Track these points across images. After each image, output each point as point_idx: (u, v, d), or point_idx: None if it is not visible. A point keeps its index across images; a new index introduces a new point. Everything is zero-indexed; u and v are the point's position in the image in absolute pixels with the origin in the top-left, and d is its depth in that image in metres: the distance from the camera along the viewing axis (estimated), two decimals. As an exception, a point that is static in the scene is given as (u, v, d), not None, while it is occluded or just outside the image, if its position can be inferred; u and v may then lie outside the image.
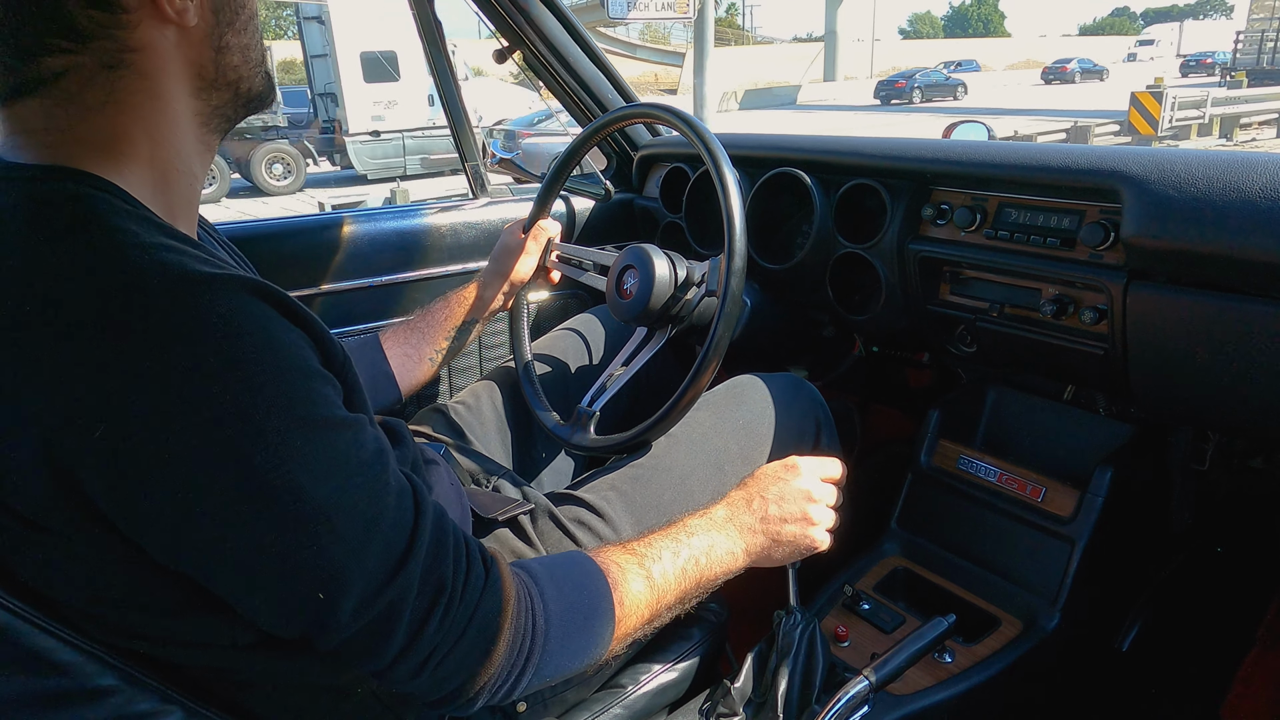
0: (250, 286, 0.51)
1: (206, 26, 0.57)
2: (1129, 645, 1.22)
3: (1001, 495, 1.17)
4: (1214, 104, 11.79)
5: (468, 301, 1.14)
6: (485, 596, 0.58)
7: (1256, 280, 0.79)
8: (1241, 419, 0.92)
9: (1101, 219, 0.93)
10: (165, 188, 0.58)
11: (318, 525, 0.50)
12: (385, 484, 0.54)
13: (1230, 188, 0.79)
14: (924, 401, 1.30)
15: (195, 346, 0.47)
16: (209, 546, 0.49)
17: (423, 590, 0.54)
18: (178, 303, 0.47)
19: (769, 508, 0.83)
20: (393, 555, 0.53)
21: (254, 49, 0.62)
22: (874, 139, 1.26)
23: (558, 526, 0.90)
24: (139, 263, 0.48)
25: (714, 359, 0.91)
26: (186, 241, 0.54)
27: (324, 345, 0.56)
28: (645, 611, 0.70)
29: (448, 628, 0.55)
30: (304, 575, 0.50)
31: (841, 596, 1.14)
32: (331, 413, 0.52)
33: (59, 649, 0.50)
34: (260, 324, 0.50)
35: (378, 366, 1.04)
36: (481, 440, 1.11)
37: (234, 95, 0.61)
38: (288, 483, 0.49)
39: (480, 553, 0.61)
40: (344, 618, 0.51)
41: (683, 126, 0.99)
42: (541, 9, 1.42)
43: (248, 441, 0.48)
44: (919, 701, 0.96)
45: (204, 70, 0.58)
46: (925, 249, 1.12)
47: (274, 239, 1.29)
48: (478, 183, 1.58)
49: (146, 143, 0.56)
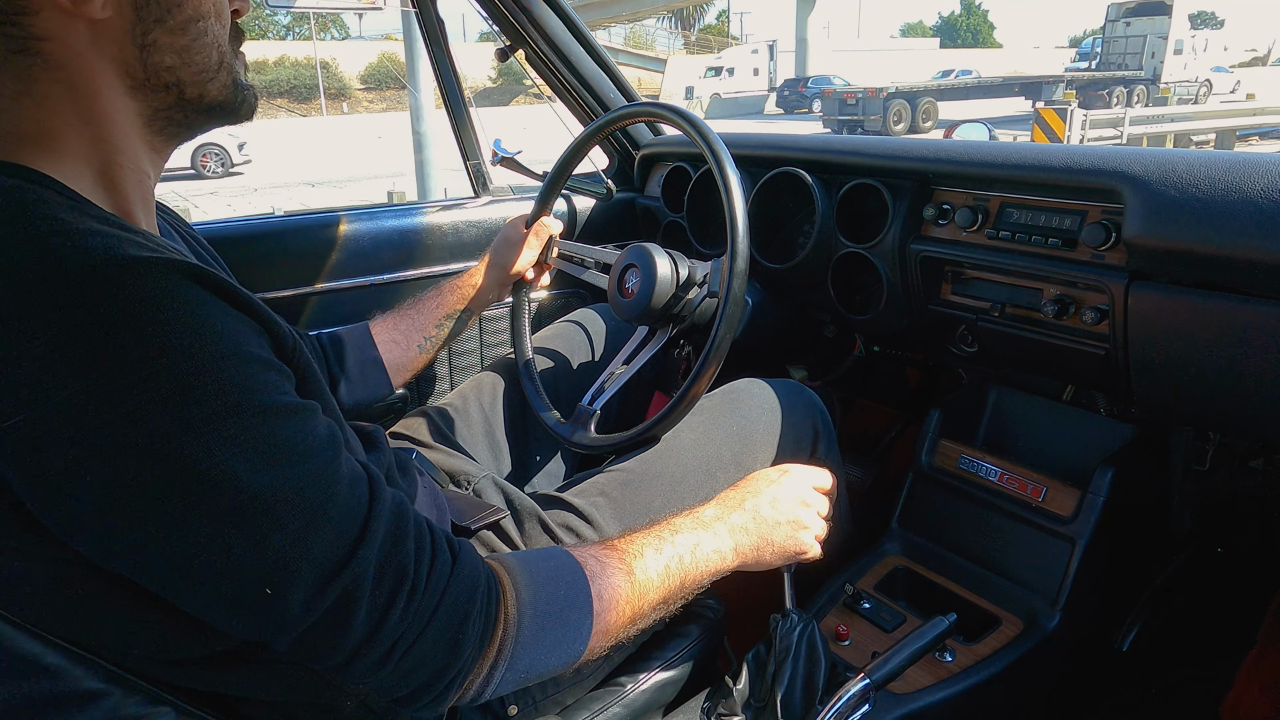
0: (183, 269, 0.49)
1: (125, 22, 0.54)
2: (1129, 645, 1.22)
3: (1002, 495, 1.17)
4: (1132, 123, 11.34)
5: (460, 290, 1.13)
6: (452, 584, 0.56)
7: (1258, 280, 0.79)
8: (1242, 420, 0.92)
9: (1103, 219, 0.93)
10: (110, 183, 0.57)
11: (258, 516, 0.48)
12: (335, 471, 0.52)
13: (1232, 188, 0.80)
14: (921, 401, 1.31)
15: (116, 333, 0.45)
16: (143, 546, 0.47)
17: (381, 578, 0.52)
18: (99, 288, 0.45)
19: (762, 509, 0.81)
20: (344, 543, 0.51)
21: (198, 52, 0.58)
22: (876, 139, 1.27)
23: (545, 531, 0.89)
24: (59, 250, 0.46)
25: (715, 360, 0.91)
26: (127, 229, 0.52)
27: (272, 330, 0.55)
28: (626, 608, 0.67)
29: (412, 616, 0.53)
30: (247, 569, 0.48)
31: (842, 595, 1.14)
32: (272, 399, 0.50)
33: (47, 653, 0.50)
34: (190, 308, 0.48)
35: (366, 353, 1.03)
36: (468, 441, 1.10)
37: (178, 99, 0.59)
38: (222, 473, 0.47)
39: (447, 540, 0.59)
40: (295, 611, 0.49)
41: (685, 125, 1.00)
42: (544, 8, 1.42)
43: (176, 432, 0.46)
44: (919, 700, 0.96)
45: (130, 68, 0.56)
46: (927, 249, 1.12)
47: (275, 237, 1.29)
48: (479, 181, 1.58)
49: (77, 138, 0.55)
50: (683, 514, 0.79)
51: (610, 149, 1.70)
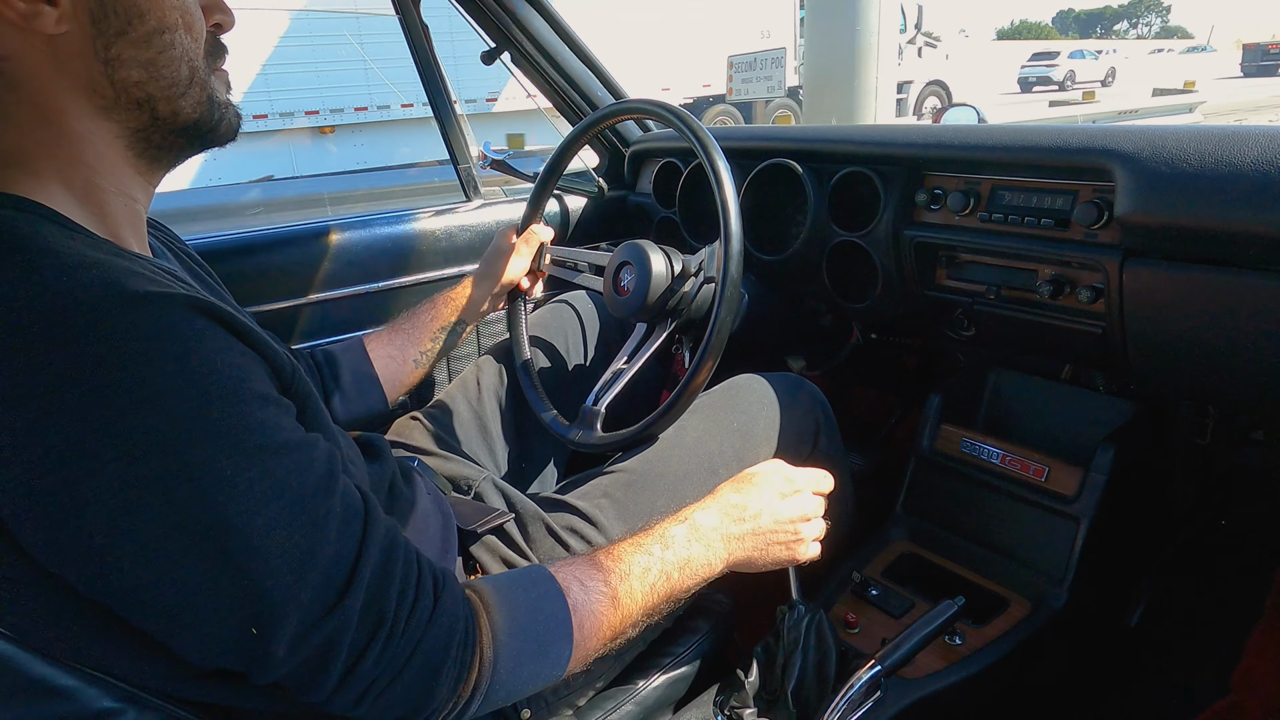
0: (181, 302, 0.48)
1: (84, 36, 0.52)
2: (1137, 621, 1.22)
3: (1005, 477, 1.17)
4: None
5: (454, 302, 1.12)
6: (429, 630, 0.55)
7: (1251, 253, 0.79)
8: (1239, 392, 0.92)
9: (1095, 198, 0.93)
10: (97, 208, 0.56)
11: (248, 560, 0.47)
12: (328, 511, 0.52)
13: (1222, 162, 0.80)
14: (920, 386, 1.30)
15: (113, 373, 0.44)
16: (133, 586, 0.46)
17: (362, 623, 0.52)
18: (96, 326, 0.45)
19: (762, 521, 0.80)
20: (331, 588, 0.51)
21: (165, 65, 0.56)
22: (864, 127, 1.26)
23: (550, 534, 0.88)
24: (56, 286, 0.45)
25: (716, 344, 0.90)
26: (125, 256, 0.51)
27: (271, 361, 0.54)
28: (607, 632, 0.67)
29: (387, 661, 0.53)
30: (235, 611, 0.48)
31: (850, 583, 1.15)
32: (270, 438, 0.50)
33: (60, 674, 0.50)
34: (189, 345, 0.47)
35: (361, 369, 1.03)
36: (463, 441, 1.10)
37: (152, 118, 0.57)
38: (215, 517, 0.46)
39: (433, 581, 0.58)
40: (278, 653, 0.49)
41: (673, 120, 0.99)
42: (528, 9, 1.42)
43: (171, 475, 0.45)
44: (931, 685, 0.97)
45: (98, 85, 0.54)
46: (920, 235, 1.12)
47: (266, 249, 1.28)
48: (470, 185, 1.58)
49: (50, 161, 0.54)
50: (678, 519, 0.77)
51: (600, 147, 1.70)
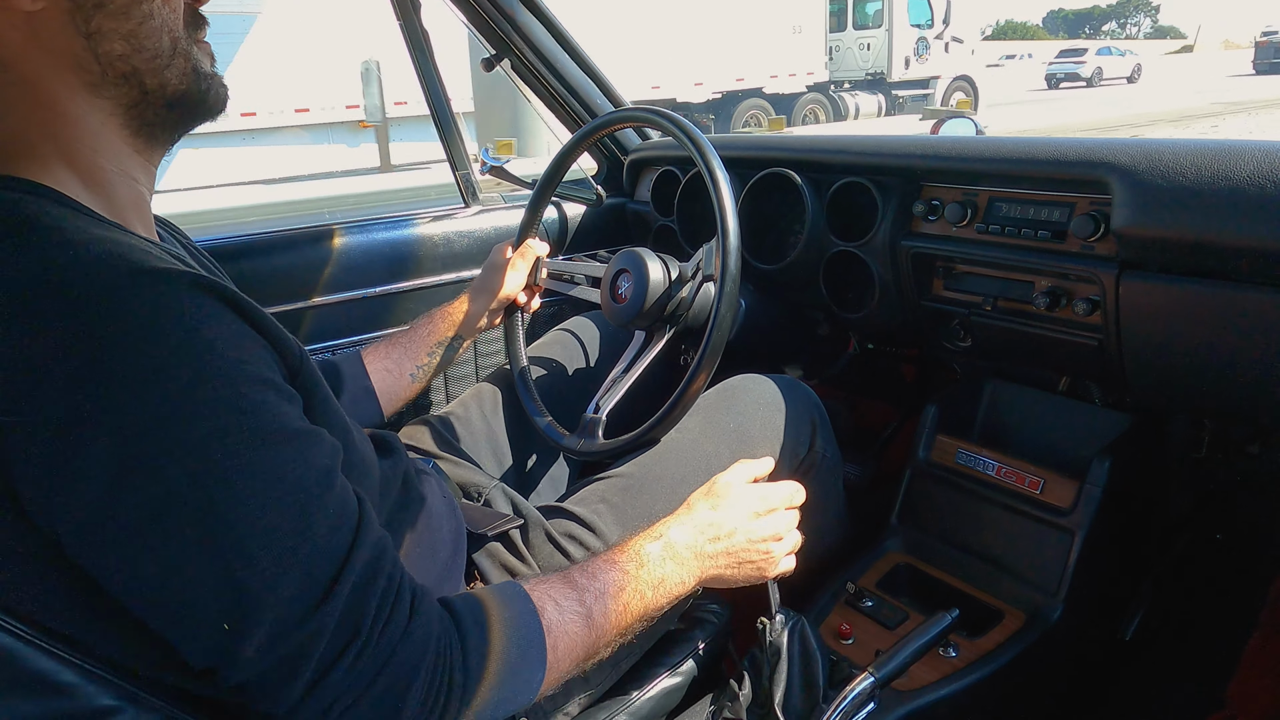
0: (190, 280, 0.47)
1: (63, 11, 0.52)
2: (1132, 634, 1.22)
3: (1001, 488, 1.17)
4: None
5: (452, 317, 1.12)
6: (400, 649, 0.53)
7: (1247, 266, 0.79)
8: (1236, 405, 0.92)
9: (1092, 211, 0.93)
10: (102, 190, 0.56)
11: (230, 550, 0.46)
12: (320, 509, 0.51)
13: (1218, 176, 0.80)
14: (917, 397, 1.30)
15: (112, 346, 0.44)
16: (117, 563, 0.46)
17: (338, 632, 0.50)
18: (98, 299, 0.45)
19: (735, 538, 0.79)
20: (311, 591, 0.49)
21: (147, 37, 0.55)
22: (863, 137, 1.27)
23: (549, 540, 0.88)
24: (61, 259, 0.46)
25: (718, 341, 0.90)
26: (132, 237, 0.51)
27: (280, 347, 0.53)
28: (580, 653, 0.66)
29: (355, 675, 0.51)
30: (211, 602, 0.47)
31: (844, 594, 1.14)
32: (267, 425, 0.49)
33: (60, 670, 0.49)
34: (192, 323, 0.47)
35: (359, 382, 1.02)
36: (472, 451, 1.10)
37: (141, 92, 0.57)
38: (201, 499, 0.45)
39: (411, 598, 0.56)
40: (248, 652, 0.48)
41: (671, 128, 1.00)
42: (528, 15, 1.42)
43: (163, 455, 0.45)
44: (924, 697, 0.96)
45: (83, 61, 0.54)
46: (918, 245, 1.13)
47: (265, 251, 1.28)
48: (469, 191, 1.58)
49: (51, 144, 0.54)
50: (653, 535, 0.76)
51: (599, 155, 1.70)
